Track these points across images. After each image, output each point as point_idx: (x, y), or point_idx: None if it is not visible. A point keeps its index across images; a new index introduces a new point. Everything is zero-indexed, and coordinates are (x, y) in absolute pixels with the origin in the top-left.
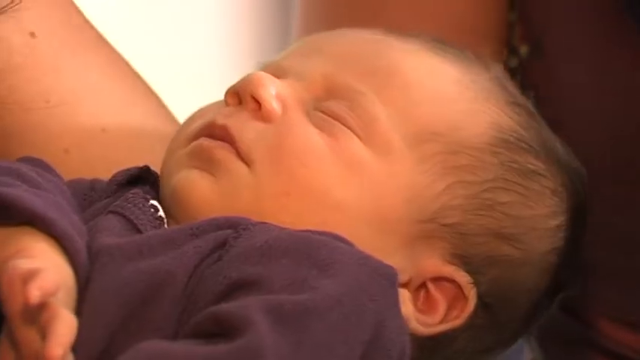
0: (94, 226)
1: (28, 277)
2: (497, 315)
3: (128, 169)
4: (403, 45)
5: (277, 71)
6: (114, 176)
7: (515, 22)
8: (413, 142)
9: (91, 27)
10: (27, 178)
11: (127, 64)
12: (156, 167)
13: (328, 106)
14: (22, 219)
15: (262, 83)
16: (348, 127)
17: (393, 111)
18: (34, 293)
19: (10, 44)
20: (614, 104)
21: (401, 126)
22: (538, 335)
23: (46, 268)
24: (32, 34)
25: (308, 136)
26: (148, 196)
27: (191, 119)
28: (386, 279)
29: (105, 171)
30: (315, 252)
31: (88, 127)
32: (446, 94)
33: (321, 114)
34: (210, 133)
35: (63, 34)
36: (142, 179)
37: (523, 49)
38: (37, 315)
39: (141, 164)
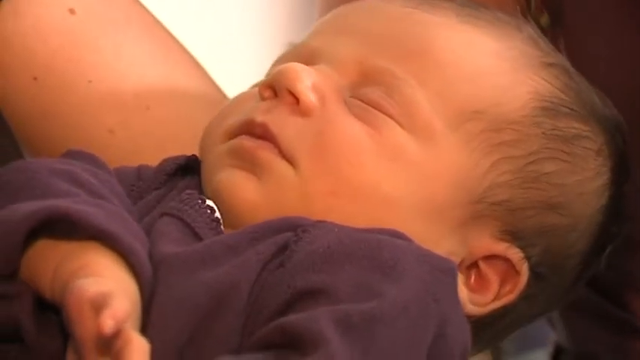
0: (152, 231)
1: (99, 304)
2: (549, 282)
3: (176, 158)
4: (436, 18)
5: (308, 54)
6: (162, 165)
7: None
8: (455, 124)
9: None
10: (84, 183)
11: (168, 35)
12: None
13: (365, 93)
14: (86, 234)
15: (298, 77)
16: (389, 116)
17: (432, 93)
18: (108, 323)
19: (48, 22)
20: (633, 75)
21: (441, 108)
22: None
23: (115, 293)
24: (72, 11)
25: (350, 130)
26: (204, 197)
27: (226, 111)
28: (447, 274)
29: (150, 149)
30: (378, 253)
31: (132, 105)
32: (483, 68)
33: (359, 102)
34: (249, 131)
35: (102, 10)
36: (191, 168)
37: (543, 20)
38: (109, 341)
39: (187, 141)
